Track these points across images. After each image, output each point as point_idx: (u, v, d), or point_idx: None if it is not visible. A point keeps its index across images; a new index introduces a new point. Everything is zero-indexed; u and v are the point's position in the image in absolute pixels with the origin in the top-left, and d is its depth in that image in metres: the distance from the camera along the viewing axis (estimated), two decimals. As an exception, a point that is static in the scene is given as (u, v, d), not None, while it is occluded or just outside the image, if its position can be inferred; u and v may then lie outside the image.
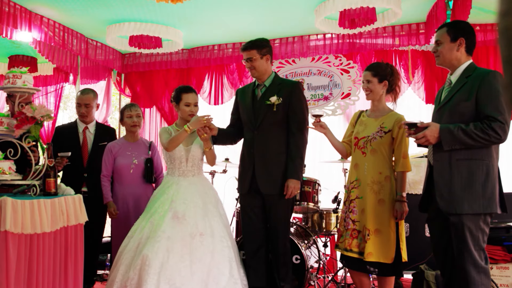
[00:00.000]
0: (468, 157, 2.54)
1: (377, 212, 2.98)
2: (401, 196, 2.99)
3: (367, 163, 3.06)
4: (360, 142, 3.11)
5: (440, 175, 2.60)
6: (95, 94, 4.18)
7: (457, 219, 2.53)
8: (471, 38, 2.69)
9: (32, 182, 2.73)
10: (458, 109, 2.57)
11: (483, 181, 2.52)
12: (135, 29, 4.76)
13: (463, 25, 2.72)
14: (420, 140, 2.57)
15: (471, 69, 2.64)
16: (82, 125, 4.08)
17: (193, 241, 3.07)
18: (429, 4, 4.42)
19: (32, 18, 4.45)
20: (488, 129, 2.45)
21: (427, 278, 3.60)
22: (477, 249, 2.51)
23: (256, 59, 3.38)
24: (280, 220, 3.40)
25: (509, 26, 0.74)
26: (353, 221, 3.08)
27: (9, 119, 2.78)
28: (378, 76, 3.09)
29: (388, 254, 2.95)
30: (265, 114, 3.36)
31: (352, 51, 5.30)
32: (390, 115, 3.10)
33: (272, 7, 4.50)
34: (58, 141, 3.92)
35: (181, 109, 3.41)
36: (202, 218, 3.18)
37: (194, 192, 3.30)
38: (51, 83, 6.24)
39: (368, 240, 2.95)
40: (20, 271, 2.39)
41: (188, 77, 6.12)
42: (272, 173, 3.34)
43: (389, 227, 2.98)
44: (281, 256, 3.40)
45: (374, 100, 3.15)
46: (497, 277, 3.80)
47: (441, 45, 2.69)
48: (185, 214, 3.16)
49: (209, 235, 3.13)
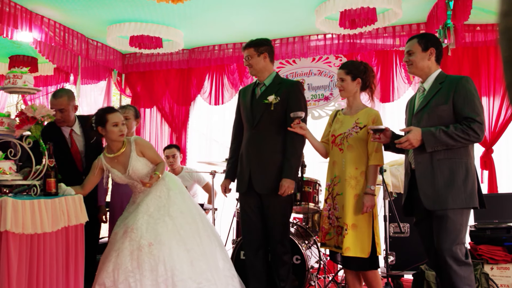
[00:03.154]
0: (448, 156, 2.69)
1: (354, 207, 3.04)
2: (370, 189, 3.05)
3: (344, 159, 3.11)
4: (337, 139, 3.17)
5: (423, 176, 2.74)
6: (70, 96, 3.62)
7: (442, 213, 2.66)
8: (440, 49, 2.88)
9: (32, 182, 2.73)
10: (437, 112, 2.72)
11: (463, 178, 2.67)
12: (135, 29, 4.76)
13: (432, 37, 2.92)
14: (403, 144, 2.68)
15: (442, 77, 2.81)
16: (67, 129, 3.63)
17: (140, 254, 2.99)
18: (429, 5, 4.42)
19: (32, 18, 4.45)
20: (468, 129, 2.61)
21: (427, 278, 3.60)
22: (458, 243, 2.65)
23: (253, 56, 3.40)
24: (278, 219, 3.39)
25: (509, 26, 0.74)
26: (337, 218, 3.13)
27: (9, 119, 2.78)
28: (351, 74, 3.15)
29: (365, 249, 3.00)
30: (263, 113, 3.37)
31: (352, 52, 5.30)
32: (365, 111, 3.15)
33: (272, 7, 4.50)
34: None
35: (109, 130, 3.19)
36: (150, 227, 3.09)
37: (143, 202, 3.22)
38: (51, 83, 6.25)
39: (346, 235, 3.01)
40: (22, 271, 2.40)
41: (188, 77, 6.13)
42: (267, 173, 3.34)
43: (365, 221, 3.04)
44: (281, 256, 3.40)
45: (348, 97, 3.21)
46: (497, 277, 3.79)
47: (413, 55, 2.85)
48: (134, 226, 3.09)
49: (158, 244, 3.02)
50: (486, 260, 3.84)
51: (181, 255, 3.04)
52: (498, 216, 4.12)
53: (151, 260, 2.97)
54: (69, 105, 3.58)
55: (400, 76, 5.31)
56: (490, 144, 4.76)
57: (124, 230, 3.11)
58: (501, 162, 4.94)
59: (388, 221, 4.00)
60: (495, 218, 4.13)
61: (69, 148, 3.61)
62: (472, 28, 4.81)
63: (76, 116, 3.71)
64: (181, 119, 6.13)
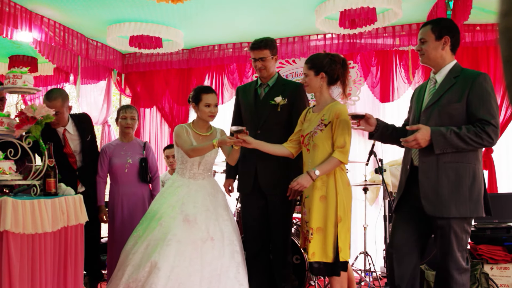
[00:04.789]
0: (456, 160, 2.47)
1: (319, 210, 2.84)
2: (313, 171, 2.80)
3: (310, 160, 2.92)
4: (305, 139, 2.98)
5: (426, 176, 2.52)
6: (64, 98, 3.56)
7: (444, 222, 2.48)
8: (456, 37, 2.60)
9: (32, 182, 2.73)
10: (448, 110, 2.49)
11: (470, 184, 2.46)
12: (135, 29, 4.76)
13: (448, 23, 2.63)
14: (410, 144, 2.46)
15: (457, 70, 2.57)
16: (60, 129, 3.61)
17: (204, 246, 3.03)
18: (429, 4, 4.42)
19: (32, 18, 4.45)
20: (482, 132, 2.39)
21: (427, 278, 3.60)
22: (461, 250, 2.50)
23: (268, 59, 3.34)
24: (282, 220, 3.39)
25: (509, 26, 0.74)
26: (306, 223, 2.97)
27: (9, 119, 2.78)
28: (314, 69, 2.96)
29: (329, 253, 2.82)
30: (269, 114, 3.35)
31: (352, 51, 5.30)
32: (329, 106, 2.92)
33: (272, 7, 4.50)
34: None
35: (201, 110, 3.27)
36: (213, 222, 3.14)
37: (205, 196, 3.25)
38: (51, 83, 6.25)
39: (312, 239, 2.84)
40: (24, 271, 2.40)
41: (188, 77, 6.13)
42: (274, 173, 3.33)
43: (331, 225, 2.83)
44: (282, 256, 3.40)
45: (315, 93, 3.01)
46: (497, 277, 3.80)
47: (425, 44, 2.61)
48: (196, 217, 3.11)
49: (219, 240, 3.09)
50: (486, 260, 3.84)
51: (234, 255, 3.11)
52: (498, 216, 4.12)
53: (210, 255, 3.01)
54: (63, 107, 3.55)
55: (400, 76, 5.31)
56: (490, 144, 4.76)
57: (185, 218, 3.10)
58: (501, 162, 4.94)
59: (388, 221, 4.00)
60: (495, 218, 4.12)
61: (62, 148, 3.59)
62: (472, 28, 4.81)
63: (69, 115, 3.69)
64: (181, 119, 6.13)
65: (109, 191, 3.94)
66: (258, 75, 3.45)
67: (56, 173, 2.82)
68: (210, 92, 3.30)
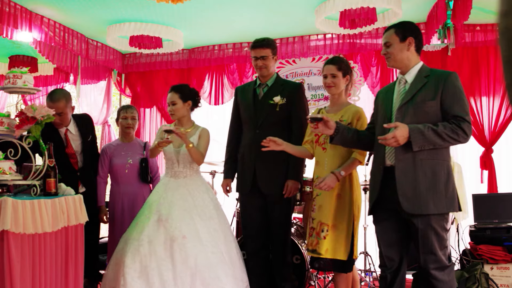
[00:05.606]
0: (432, 157, 2.52)
1: (335, 207, 2.94)
2: (338, 172, 2.90)
3: (327, 159, 3.01)
4: (320, 138, 3.06)
5: (404, 175, 2.53)
6: (67, 98, 3.57)
7: (422, 221, 2.50)
8: (419, 38, 2.68)
9: (32, 182, 2.73)
10: (423, 108, 2.54)
11: (445, 181, 2.52)
12: (135, 29, 4.76)
13: (410, 25, 2.71)
14: (389, 141, 2.46)
15: (427, 70, 2.64)
16: (62, 128, 3.63)
17: (173, 244, 3.07)
18: (429, 4, 4.42)
19: (32, 18, 4.45)
20: (458, 129, 2.46)
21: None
22: (443, 249, 2.52)
23: (269, 58, 3.37)
24: (281, 220, 3.40)
25: (509, 26, 0.74)
26: (312, 219, 3.04)
27: (9, 119, 2.78)
28: (342, 71, 3.06)
29: (344, 251, 2.92)
30: (268, 114, 3.37)
31: (352, 51, 5.30)
32: (348, 108, 3.07)
33: (272, 7, 4.50)
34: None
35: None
36: (187, 221, 3.15)
37: (182, 194, 3.28)
38: (51, 83, 6.24)
39: (327, 236, 2.91)
40: (25, 271, 2.40)
41: (188, 77, 6.12)
42: (273, 173, 3.34)
43: (346, 223, 2.93)
44: (282, 256, 3.40)
45: (336, 94, 3.09)
46: (497, 277, 3.80)
47: (391, 47, 2.66)
48: (169, 217, 3.16)
49: (193, 238, 3.09)
50: (486, 260, 3.84)
51: (208, 254, 3.10)
52: (498, 216, 4.12)
53: (183, 253, 3.04)
54: (67, 108, 3.56)
55: (400, 76, 5.31)
56: (490, 144, 4.76)
57: (158, 218, 3.17)
58: (501, 162, 4.94)
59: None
60: (495, 218, 4.13)
61: (64, 148, 3.61)
62: (472, 28, 4.80)
63: (71, 115, 3.71)
64: (181, 119, 6.12)
65: (109, 191, 3.94)
66: (258, 74, 3.47)
67: (56, 173, 2.83)
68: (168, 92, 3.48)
